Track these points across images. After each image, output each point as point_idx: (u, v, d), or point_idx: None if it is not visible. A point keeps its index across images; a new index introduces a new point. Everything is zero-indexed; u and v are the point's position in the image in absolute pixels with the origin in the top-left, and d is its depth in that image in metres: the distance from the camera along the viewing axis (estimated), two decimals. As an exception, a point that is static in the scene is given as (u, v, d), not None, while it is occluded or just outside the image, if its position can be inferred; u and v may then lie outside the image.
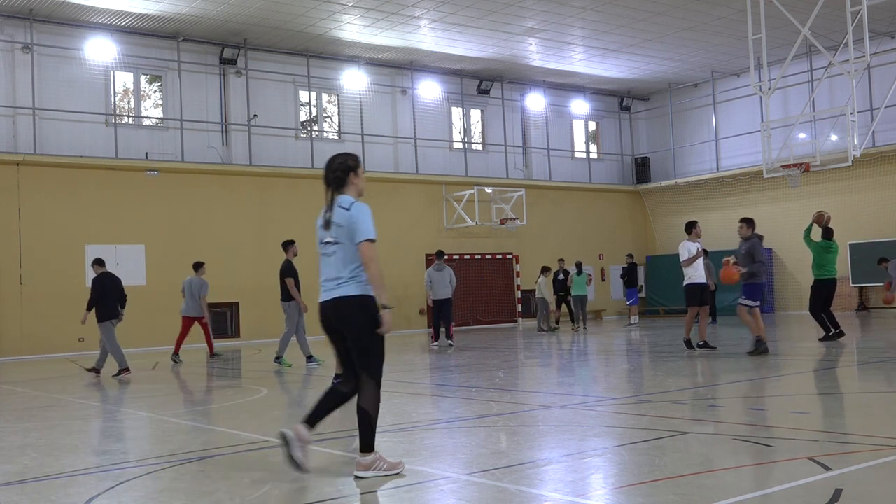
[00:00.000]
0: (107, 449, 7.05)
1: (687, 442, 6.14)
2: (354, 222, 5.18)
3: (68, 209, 20.54)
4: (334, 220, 5.28)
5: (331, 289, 5.25)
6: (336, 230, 5.26)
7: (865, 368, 11.19)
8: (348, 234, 5.21)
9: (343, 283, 5.20)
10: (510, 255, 27.29)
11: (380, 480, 5.19)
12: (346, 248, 5.22)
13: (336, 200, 5.36)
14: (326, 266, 5.30)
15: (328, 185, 5.46)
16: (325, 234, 5.31)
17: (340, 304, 5.20)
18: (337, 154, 5.61)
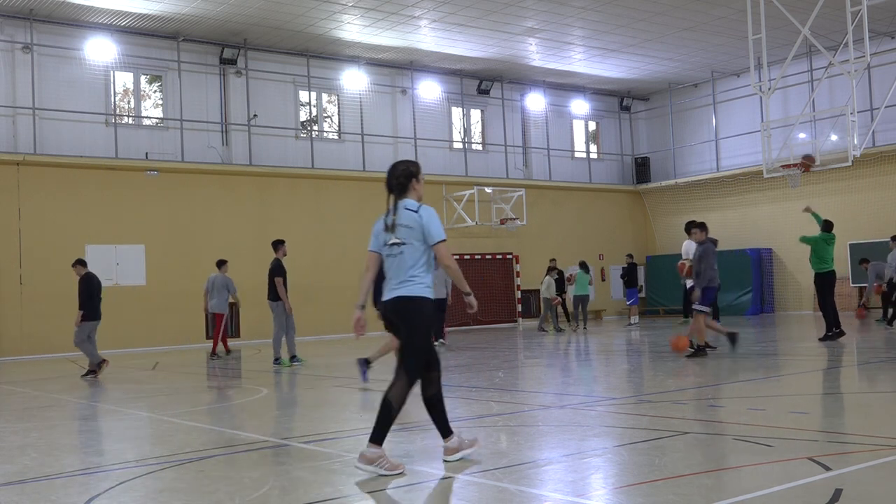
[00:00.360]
0: (107, 449, 7.05)
1: (687, 442, 6.14)
2: (426, 225, 5.46)
3: (68, 209, 20.54)
4: (400, 222, 5.50)
5: (393, 287, 5.52)
6: (403, 232, 5.48)
7: (865, 368, 11.19)
8: (417, 236, 5.46)
9: (404, 284, 5.47)
10: (510, 255, 27.29)
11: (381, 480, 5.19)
12: (412, 248, 5.47)
13: (400, 204, 5.57)
14: (391, 266, 5.55)
15: (391, 191, 5.64)
16: (389, 237, 5.53)
17: (400, 302, 5.48)
18: (399, 161, 5.79)
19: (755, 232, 27.72)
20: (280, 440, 6.80)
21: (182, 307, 21.63)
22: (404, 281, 5.47)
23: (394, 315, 5.54)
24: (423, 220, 5.45)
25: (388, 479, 5.21)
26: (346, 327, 24.02)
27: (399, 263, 5.50)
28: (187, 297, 21.72)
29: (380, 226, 5.65)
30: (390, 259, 5.55)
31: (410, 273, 5.46)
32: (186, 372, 14.93)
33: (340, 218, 24.39)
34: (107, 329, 20.63)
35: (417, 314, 5.45)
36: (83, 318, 13.48)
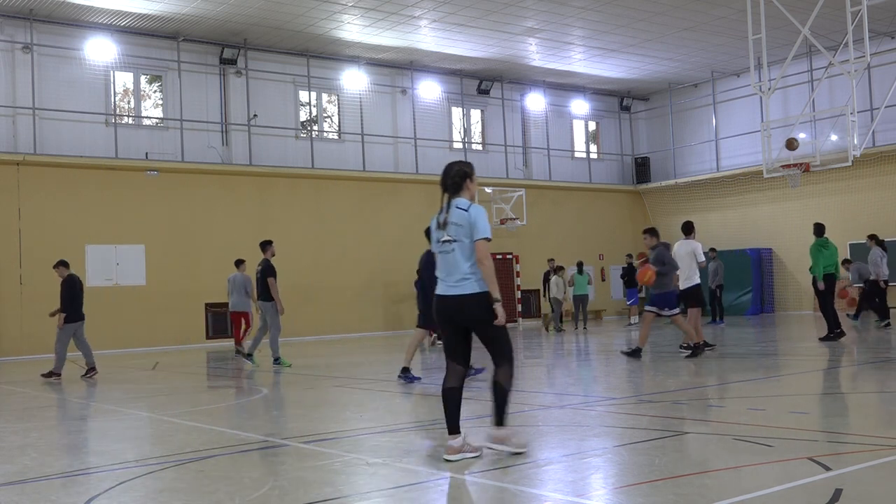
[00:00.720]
0: (107, 449, 7.05)
1: (687, 442, 6.14)
2: (473, 222, 5.61)
3: (68, 209, 20.54)
4: (452, 220, 5.68)
5: (452, 284, 5.67)
6: (454, 229, 5.66)
7: (865, 368, 11.18)
8: (466, 233, 5.63)
9: (465, 280, 5.63)
10: (510, 255, 27.28)
11: (381, 481, 5.19)
12: (463, 245, 5.64)
13: (452, 203, 5.75)
14: (445, 263, 5.72)
15: (445, 190, 5.82)
16: (441, 234, 5.73)
17: (464, 300, 5.64)
18: (454, 161, 5.96)
19: (755, 232, 27.72)
20: (280, 440, 6.80)
21: (182, 307, 21.64)
22: (462, 279, 5.64)
23: (455, 311, 5.68)
24: (471, 218, 5.62)
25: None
26: (346, 327, 24.04)
27: (451, 260, 5.67)
28: (187, 297, 21.74)
29: (432, 226, 5.86)
30: (442, 256, 5.73)
31: (465, 271, 5.63)
32: (186, 372, 14.93)
33: (340, 218, 24.40)
34: (107, 329, 20.71)
35: (483, 308, 5.62)
36: (66, 320, 13.43)
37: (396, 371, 11.22)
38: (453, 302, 5.66)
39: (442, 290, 5.74)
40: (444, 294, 5.72)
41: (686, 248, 13.32)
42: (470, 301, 5.61)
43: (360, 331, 24.32)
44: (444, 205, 5.78)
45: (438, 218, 5.78)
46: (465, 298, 5.61)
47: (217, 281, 22.15)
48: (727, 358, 12.75)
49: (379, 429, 7.29)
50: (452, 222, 5.67)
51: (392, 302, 25.08)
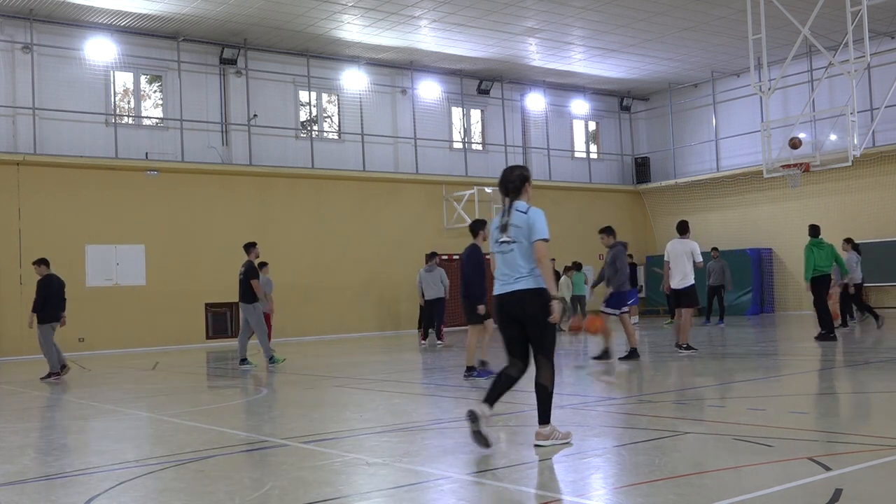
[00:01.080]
0: (107, 449, 7.05)
1: (687, 442, 6.14)
2: (532, 223, 5.96)
3: (68, 209, 20.54)
4: (512, 222, 6.02)
5: (510, 282, 5.97)
6: (514, 231, 5.99)
7: (865, 368, 11.18)
8: (526, 234, 5.96)
9: (522, 278, 5.93)
10: (510, 255, 27.25)
11: (380, 480, 5.19)
12: (522, 246, 5.95)
13: (512, 206, 6.10)
14: (504, 263, 6.03)
15: (507, 193, 6.16)
16: (501, 235, 6.04)
17: (520, 296, 5.92)
18: (514, 166, 6.36)
19: (755, 232, 27.73)
20: (280, 440, 6.80)
21: (182, 307, 21.64)
22: (520, 277, 5.93)
23: (513, 307, 5.94)
24: (530, 220, 5.97)
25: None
26: (346, 327, 24.04)
27: (510, 260, 5.97)
28: (187, 297, 21.74)
29: (493, 226, 6.19)
30: (501, 256, 6.04)
31: (523, 270, 5.93)
32: (186, 372, 14.93)
33: (340, 218, 24.40)
34: (107, 329, 20.73)
35: (542, 305, 5.88)
36: (41, 321, 13.37)
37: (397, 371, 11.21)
38: (511, 298, 5.94)
39: (500, 290, 6.03)
40: (502, 293, 6.01)
41: (683, 247, 13.27)
42: (526, 296, 5.88)
43: (359, 331, 24.33)
44: (505, 207, 6.09)
45: (502, 219, 6.06)
46: (522, 294, 5.89)
47: (217, 281, 22.19)
48: (727, 358, 12.75)
49: (379, 429, 7.29)
50: (513, 224, 5.99)
51: (392, 302, 25.08)
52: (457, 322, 25.56)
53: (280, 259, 23.19)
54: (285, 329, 23.12)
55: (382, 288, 24.92)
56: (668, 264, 13.31)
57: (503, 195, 6.16)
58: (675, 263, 13.19)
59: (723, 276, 21.38)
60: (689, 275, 13.13)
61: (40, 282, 13.54)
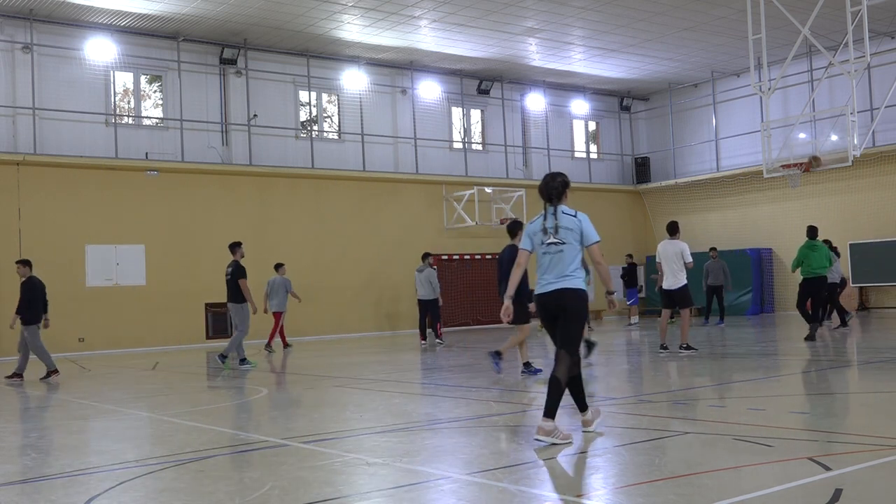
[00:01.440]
0: (107, 449, 7.05)
1: (687, 442, 6.14)
2: (585, 228, 6.34)
3: (68, 209, 20.54)
4: (562, 224, 6.33)
5: (553, 281, 6.31)
6: (564, 233, 6.31)
7: (865, 368, 11.18)
8: (576, 237, 6.31)
9: (568, 277, 6.28)
10: (510, 255, 27.25)
11: (379, 480, 5.19)
12: (571, 247, 6.30)
13: (558, 209, 6.39)
14: (550, 263, 6.34)
15: (549, 198, 6.45)
16: (547, 237, 6.35)
17: (565, 294, 6.26)
18: (555, 173, 6.59)
19: (755, 232, 27.73)
20: (280, 440, 6.81)
21: (182, 307, 21.64)
22: (566, 276, 6.27)
23: (556, 304, 6.28)
24: (582, 224, 6.34)
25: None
26: (346, 327, 24.04)
27: (558, 260, 6.30)
28: (187, 297, 21.74)
29: (534, 227, 6.47)
30: (548, 256, 6.34)
31: (570, 269, 6.28)
32: (186, 372, 14.93)
33: (340, 218, 24.40)
34: (107, 329, 20.73)
35: (581, 303, 6.29)
36: (25, 322, 13.35)
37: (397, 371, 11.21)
38: (555, 296, 6.28)
39: (543, 288, 6.36)
40: (545, 291, 6.35)
41: (673, 248, 13.32)
42: (570, 294, 6.26)
43: (359, 331, 24.33)
44: (550, 211, 6.39)
45: (545, 222, 6.36)
46: (567, 291, 6.26)
47: (217, 281, 22.12)
48: (727, 358, 12.75)
49: (379, 429, 7.29)
50: (563, 227, 6.31)
51: (392, 302, 25.08)
52: (457, 322, 25.61)
53: (280, 259, 23.19)
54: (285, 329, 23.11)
55: (382, 288, 24.92)
56: (661, 265, 13.37)
57: (546, 200, 6.46)
58: (665, 264, 13.28)
59: (722, 275, 21.33)
60: (679, 276, 13.17)
61: (25, 283, 13.48)
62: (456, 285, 25.51)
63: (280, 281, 18.76)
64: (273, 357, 17.33)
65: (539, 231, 6.40)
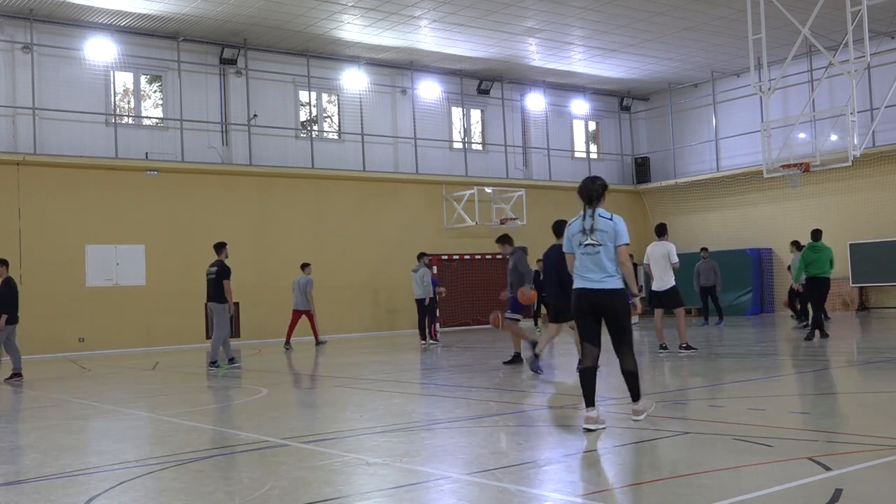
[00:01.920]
0: (107, 449, 7.05)
1: (687, 442, 6.14)
2: (618, 230, 6.62)
3: (68, 209, 20.53)
4: (598, 227, 6.62)
5: (596, 281, 6.60)
6: (600, 235, 6.60)
7: (865, 368, 11.18)
8: (611, 238, 6.60)
9: (609, 277, 6.58)
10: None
11: (381, 481, 5.19)
12: (607, 249, 6.60)
13: (596, 212, 6.71)
14: (589, 262, 6.64)
15: (590, 200, 6.79)
16: (585, 238, 6.64)
17: (607, 293, 6.59)
18: (594, 176, 7.02)
19: (755, 232, 27.72)
20: (280, 440, 6.81)
21: (182, 307, 21.64)
22: (606, 277, 6.58)
23: (596, 302, 6.60)
24: (616, 226, 6.63)
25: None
26: (345, 327, 24.03)
27: (596, 261, 6.59)
28: (187, 297, 21.72)
29: (572, 230, 6.79)
30: (586, 257, 6.63)
31: (610, 270, 6.59)
32: (186, 372, 14.93)
33: (340, 218, 24.40)
34: (107, 329, 20.73)
35: (624, 301, 6.66)
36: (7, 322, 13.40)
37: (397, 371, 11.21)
38: (597, 295, 6.59)
39: (584, 285, 6.65)
40: (586, 288, 6.63)
41: (661, 249, 13.40)
42: (613, 295, 6.58)
43: (359, 331, 24.33)
44: (588, 212, 6.70)
45: (584, 223, 6.68)
46: (610, 293, 6.57)
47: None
48: (727, 358, 12.75)
49: (379, 429, 7.29)
50: (599, 229, 6.60)
51: (392, 302, 25.08)
52: (457, 322, 25.60)
53: (280, 259, 23.20)
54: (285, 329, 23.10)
55: (382, 288, 24.92)
56: (649, 266, 13.47)
57: (585, 202, 6.78)
58: (654, 266, 13.39)
59: (713, 276, 21.28)
60: (666, 277, 13.24)
61: (4, 283, 13.49)
62: (456, 285, 25.49)
63: (304, 280, 19.41)
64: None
65: (577, 233, 6.70)
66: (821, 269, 14.91)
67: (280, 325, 23.06)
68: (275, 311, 22.98)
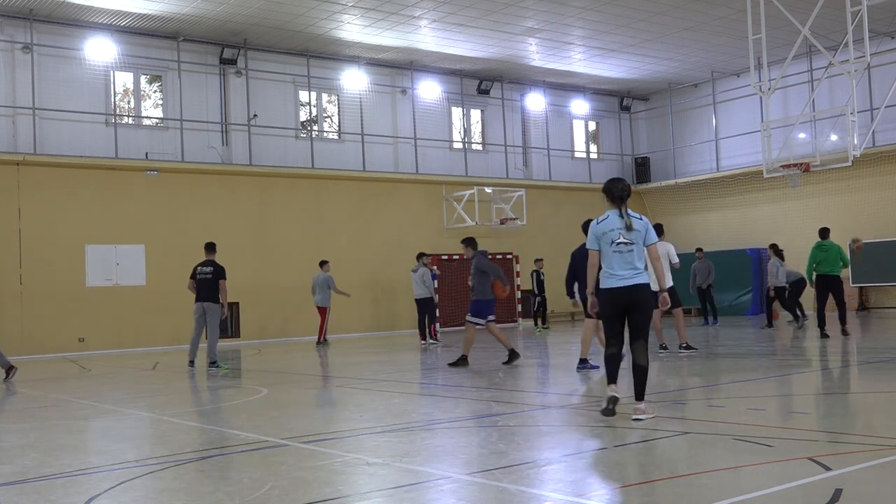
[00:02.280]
0: (107, 449, 7.05)
1: (687, 442, 6.14)
2: (648, 230, 7.07)
3: (68, 209, 20.53)
4: (634, 226, 6.98)
5: (629, 277, 6.96)
6: (633, 234, 6.97)
7: (865, 368, 11.18)
8: (641, 237, 7.01)
9: (638, 273, 6.98)
10: (510, 255, 27.28)
11: (381, 481, 5.20)
12: (638, 247, 7.00)
13: (629, 212, 7.05)
14: (622, 260, 6.97)
15: (621, 200, 7.07)
16: (620, 236, 6.96)
17: (637, 288, 6.97)
18: (618, 178, 7.29)
19: (755, 232, 27.72)
20: (280, 440, 6.81)
21: (182, 307, 21.53)
22: (638, 273, 6.98)
23: (630, 298, 6.96)
24: (647, 226, 7.08)
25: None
26: (345, 327, 24.02)
27: (628, 259, 6.96)
28: (187, 297, 21.62)
29: (602, 228, 7.05)
30: (618, 255, 6.96)
31: (639, 267, 6.99)
32: (186, 372, 14.93)
33: (340, 218, 24.40)
34: (107, 329, 20.72)
35: (650, 297, 7.09)
36: None
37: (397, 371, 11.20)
38: (627, 290, 6.95)
39: (614, 284, 6.99)
40: (616, 287, 6.98)
41: (660, 249, 13.41)
42: (641, 290, 6.98)
43: (359, 331, 24.33)
44: (623, 212, 7.02)
45: (622, 222, 6.97)
46: (640, 287, 6.97)
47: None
48: (727, 358, 12.75)
49: (379, 429, 7.29)
50: (634, 228, 6.98)
51: (392, 302, 25.08)
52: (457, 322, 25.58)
53: (280, 259, 23.21)
54: (286, 329, 23.13)
55: (382, 288, 24.92)
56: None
57: (615, 203, 7.07)
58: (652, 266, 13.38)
59: (709, 276, 21.32)
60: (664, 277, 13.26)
61: None
62: (456, 285, 25.47)
63: (323, 277, 19.89)
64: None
65: (609, 231, 6.98)
66: (830, 268, 14.98)
67: (280, 324, 23.10)
68: (275, 311, 23.00)
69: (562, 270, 14.61)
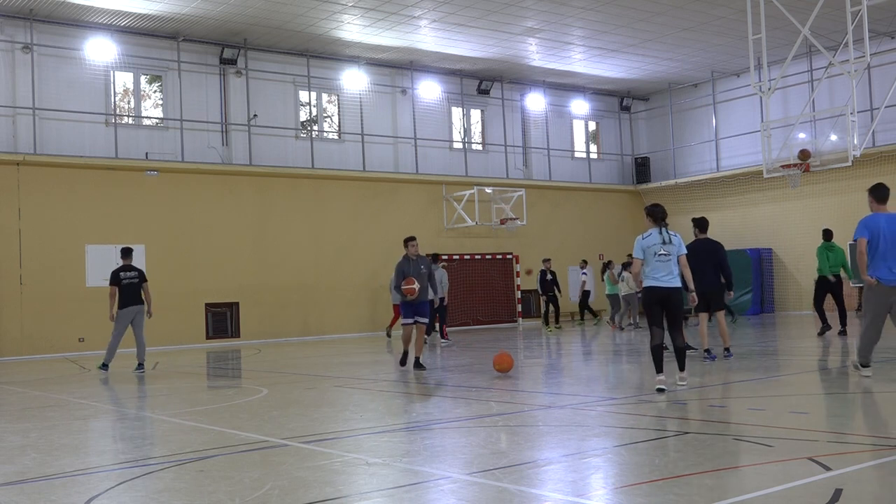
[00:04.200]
0: (107, 449, 7.05)
1: (687, 442, 6.14)
2: (680, 244, 9.05)
3: (68, 209, 20.53)
4: (672, 242, 8.94)
5: (666, 280, 8.85)
6: (669, 247, 8.91)
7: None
8: (675, 250, 8.94)
9: (673, 278, 8.89)
10: (510, 255, 27.29)
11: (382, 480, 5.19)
12: (673, 258, 8.93)
13: (668, 231, 9.00)
14: (661, 266, 8.87)
15: (663, 220, 9.07)
16: (661, 248, 8.88)
17: (673, 290, 8.86)
18: (658, 203, 9.29)
19: (755, 232, 27.73)
20: (280, 440, 6.81)
21: (182, 307, 21.62)
22: (673, 277, 8.86)
23: (665, 297, 8.82)
24: (679, 241, 9.05)
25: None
26: (345, 327, 24.03)
27: (667, 267, 8.87)
28: (187, 297, 21.74)
29: (647, 242, 8.91)
30: (660, 263, 8.88)
31: (674, 273, 8.89)
32: (186, 372, 14.93)
33: (340, 218, 24.40)
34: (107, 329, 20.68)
35: (681, 295, 8.98)
36: None
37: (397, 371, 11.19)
38: (666, 291, 8.83)
39: (656, 284, 8.86)
40: (657, 286, 8.85)
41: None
42: (676, 290, 8.88)
43: (359, 330, 24.32)
44: (663, 230, 8.96)
45: (663, 237, 8.90)
46: (675, 289, 8.87)
47: (217, 281, 22.20)
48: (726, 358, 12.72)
49: (379, 429, 7.29)
50: (672, 243, 8.93)
51: (391, 302, 25.06)
52: (457, 322, 25.58)
53: (280, 259, 23.21)
54: (285, 329, 23.13)
55: (382, 288, 24.91)
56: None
57: (657, 222, 9.00)
58: None
59: None
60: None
61: None
62: (456, 285, 25.47)
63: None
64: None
65: (653, 245, 8.88)
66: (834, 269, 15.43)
67: (280, 324, 23.10)
68: (274, 311, 23.00)
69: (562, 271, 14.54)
